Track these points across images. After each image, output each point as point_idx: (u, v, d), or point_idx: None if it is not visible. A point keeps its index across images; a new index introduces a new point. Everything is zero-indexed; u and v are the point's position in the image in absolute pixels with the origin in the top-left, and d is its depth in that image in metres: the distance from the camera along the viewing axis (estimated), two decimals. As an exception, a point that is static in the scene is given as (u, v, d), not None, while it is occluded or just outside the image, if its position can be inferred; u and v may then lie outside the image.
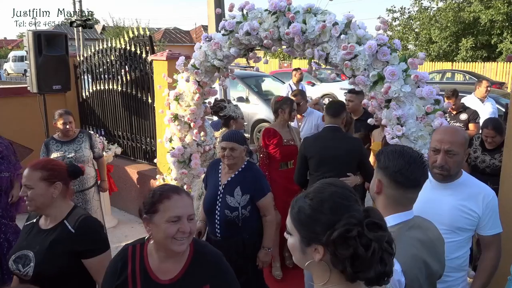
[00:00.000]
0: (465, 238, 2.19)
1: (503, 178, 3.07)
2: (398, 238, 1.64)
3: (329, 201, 1.20)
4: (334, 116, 3.64)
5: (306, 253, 1.22)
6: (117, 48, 5.86)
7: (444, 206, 2.10)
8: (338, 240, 1.13)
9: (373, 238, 1.13)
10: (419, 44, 26.76)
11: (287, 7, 3.19)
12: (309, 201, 1.22)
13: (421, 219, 1.78)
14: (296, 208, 1.24)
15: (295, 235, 1.24)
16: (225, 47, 3.62)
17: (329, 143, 3.56)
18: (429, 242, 1.71)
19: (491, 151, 4.07)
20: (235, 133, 3.08)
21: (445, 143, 2.11)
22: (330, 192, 1.22)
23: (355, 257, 1.12)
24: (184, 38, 37.80)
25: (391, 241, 1.18)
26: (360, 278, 1.14)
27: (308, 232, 1.20)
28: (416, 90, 2.87)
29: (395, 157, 1.67)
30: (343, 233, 1.13)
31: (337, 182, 1.26)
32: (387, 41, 2.91)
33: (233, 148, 2.96)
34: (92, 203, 4.33)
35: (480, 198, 2.16)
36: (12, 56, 31.15)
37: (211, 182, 3.15)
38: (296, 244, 1.24)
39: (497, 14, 22.52)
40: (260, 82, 11.19)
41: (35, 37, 5.09)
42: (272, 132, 4.08)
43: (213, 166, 3.25)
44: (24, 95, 5.96)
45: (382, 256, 1.14)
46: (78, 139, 4.23)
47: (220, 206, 3.00)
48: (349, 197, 1.21)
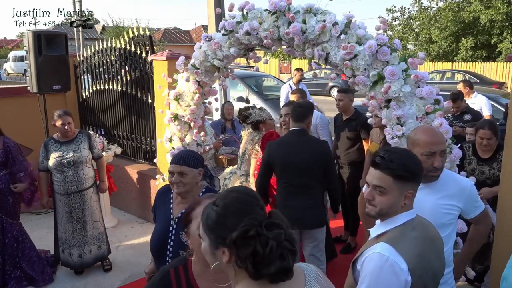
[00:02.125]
0: (450, 232, 2.23)
1: (503, 178, 3.07)
2: (403, 238, 1.66)
3: (232, 206, 1.30)
4: (298, 119, 3.40)
5: (215, 255, 1.31)
6: (117, 48, 5.86)
7: (425, 205, 2.11)
8: (238, 241, 1.22)
9: (271, 237, 1.21)
10: (419, 44, 26.78)
11: (287, 7, 3.18)
12: (215, 208, 1.32)
13: (421, 218, 1.80)
14: (205, 215, 1.34)
15: (205, 239, 1.34)
16: (225, 47, 3.62)
17: (293, 148, 3.33)
18: (430, 241, 1.73)
19: (487, 160, 3.77)
20: (186, 153, 2.47)
21: (439, 145, 2.14)
22: (232, 198, 1.32)
23: (255, 255, 1.20)
24: (184, 38, 37.80)
25: (292, 240, 1.26)
26: (262, 275, 1.22)
27: (215, 237, 1.30)
28: (416, 90, 2.87)
29: (412, 159, 1.73)
30: (241, 233, 1.22)
31: (240, 189, 1.38)
32: (387, 41, 2.91)
33: (183, 172, 2.36)
34: (90, 203, 4.33)
35: (459, 192, 2.22)
36: (12, 56, 31.17)
37: (160, 215, 2.54)
38: (206, 247, 1.34)
39: (497, 14, 22.54)
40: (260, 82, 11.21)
41: (35, 37, 5.09)
42: (274, 135, 3.90)
43: (161, 195, 2.61)
44: (24, 95, 5.96)
45: (282, 252, 1.22)
46: (77, 139, 4.23)
47: (172, 245, 2.37)
48: (251, 202, 1.32)
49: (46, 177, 4.23)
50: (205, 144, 4.44)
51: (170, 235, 2.38)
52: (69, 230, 4.27)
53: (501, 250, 2.90)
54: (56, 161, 4.09)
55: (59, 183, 4.17)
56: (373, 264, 1.62)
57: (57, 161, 4.09)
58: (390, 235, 1.68)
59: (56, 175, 4.16)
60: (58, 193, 4.20)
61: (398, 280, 1.58)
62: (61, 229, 4.29)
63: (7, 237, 4.04)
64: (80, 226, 4.28)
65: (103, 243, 4.46)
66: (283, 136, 3.56)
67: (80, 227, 4.28)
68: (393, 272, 1.58)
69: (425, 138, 2.16)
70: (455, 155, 2.88)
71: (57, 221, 4.32)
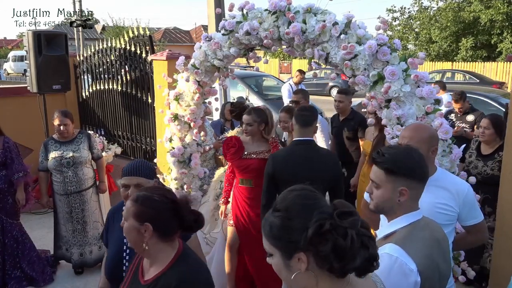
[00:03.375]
0: (446, 233, 2.18)
1: (503, 178, 3.07)
2: (411, 238, 1.65)
3: (294, 205, 1.19)
4: (305, 125, 3.04)
5: (291, 266, 1.18)
6: (117, 48, 5.86)
7: (422, 205, 2.11)
8: (315, 239, 1.12)
9: (348, 225, 1.12)
10: (419, 44, 26.78)
11: (287, 7, 3.18)
12: (277, 213, 1.21)
13: (428, 219, 1.78)
14: (268, 225, 1.23)
15: (275, 253, 1.21)
16: (225, 47, 3.61)
17: (301, 162, 2.98)
18: (436, 242, 1.71)
19: (485, 157, 3.83)
20: (139, 163, 2.32)
21: (405, 138, 2.20)
22: (292, 197, 1.22)
23: (337, 249, 1.10)
24: (184, 38, 37.79)
25: (366, 226, 1.17)
26: (349, 270, 1.13)
27: (286, 243, 1.18)
28: (416, 90, 2.87)
29: (411, 157, 1.70)
30: (316, 229, 1.12)
31: (297, 187, 1.26)
32: (387, 41, 2.90)
33: (140, 184, 2.21)
34: (90, 204, 4.34)
35: (456, 194, 2.19)
36: (12, 56, 31.16)
37: (113, 236, 2.30)
38: (279, 262, 1.21)
39: (497, 14, 22.54)
40: (260, 82, 11.20)
41: (35, 37, 5.09)
42: (234, 140, 3.61)
43: (113, 215, 2.40)
44: (24, 95, 5.96)
45: (363, 240, 1.13)
46: (77, 139, 4.23)
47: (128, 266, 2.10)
48: (312, 196, 1.21)
49: (46, 177, 4.24)
50: (205, 144, 4.44)
51: (124, 256, 2.15)
52: (70, 230, 4.28)
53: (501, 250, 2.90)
54: (56, 161, 4.09)
55: (58, 183, 4.17)
56: (382, 265, 1.61)
57: (56, 161, 4.09)
58: (398, 236, 1.66)
59: (55, 175, 4.16)
60: (58, 193, 4.20)
61: (408, 281, 1.56)
62: (62, 228, 4.30)
63: (7, 237, 4.05)
64: (81, 226, 4.29)
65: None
66: (289, 148, 3.21)
67: (80, 227, 4.29)
68: (402, 273, 1.56)
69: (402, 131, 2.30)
70: (455, 155, 2.88)
71: (57, 221, 4.33)
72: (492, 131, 3.81)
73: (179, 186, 4.21)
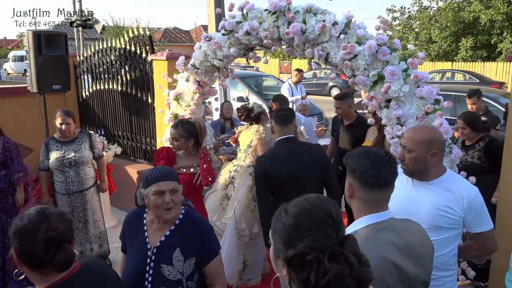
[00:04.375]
0: (448, 237, 2.15)
1: (503, 178, 3.08)
2: (367, 239, 1.60)
3: (302, 221, 1.16)
4: (284, 123, 3.09)
5: (277, 264, 1.21)
6: (117, 48, 5.86)
7: (424, 205, 2.10)
8: (294, 260, 1.06)
9: (331, 270, 1.01)
10: (419, 43, 26.78)
11: (287, 7, 3.19)
12: (284, 214, 1.21)
13: (400, 222, 1.74)
14: (275, 218, 1.24)
15: (272, 243, 1.24)
16: (225, 47, 3.62)
17: (288, 159, 3.02)
18: (404, 245, 1.65)
19: (467, 147, 4.04)
20: (166, 168, 2.19)
21: (404, 139, 2.23)
22: (305, 211, 1.18)
23: (307, 284, 1.03)
24: (184, 38, 37.79)
25: (362, 279, 1.05)
26: None
27: (279, 245, 1.19)
28: (416, 90, 2.87)
29: (361, 158, 1.67)
30: (298, 254, 1.05)
31: (316, 202, 1.21)
32: (387, 41, 2.91)
33: (175, 189, 2.10)
34: (92, 203, 4.34)
35: (461, 198, 2.13)
36: (12, 56, 31.16)
37: (132, 245, 2.19)
38: (271, 252, 1.25)
39: (497, 14, 22.53)
40: (260, 82, 11.21)
41: (35, 37, 5.09)
42: (164, 151, 3.40)
43: (131, 221, 2.26)
44: (24, 95, 5.95)
45: None
46: (78, 139, 4.24)
47: (151, 280, 2.05)
48: (325, 222, 1.15)
49: (47, 176, 4.24)
50: (205, 144, 4.44)
51: (147, 269, 2.06)
52: (70, 229, 4.28)
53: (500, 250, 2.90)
54: (58, 161, 4.09)
55: (60, 183, 4.17)
56: None
57: (58, 161, 4.09)
58: (358, 236, 1.65)
59: (57, 175, 4.16)
60: (60, 193, 4.20)
61: None
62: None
63: (7, 237, 4.04)
64: (82, 225, 4.29)
65: (104, 241, 4.48)
66: (273, 148, 3.23)
67: (81, 226, 4.29)
68: None
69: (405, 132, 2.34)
70: (455, 155, 2.88)
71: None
72: (468, 130, 4.01)
73: (179, 186, 4.21)
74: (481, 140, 3.98)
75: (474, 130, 3.98)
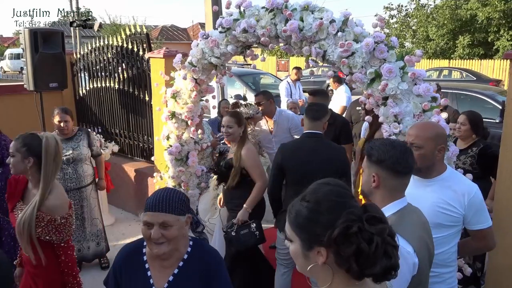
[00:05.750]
0: (449, 234, 2.17)
1: (500, 177, 3.09)
2: (402, 223, 1.70)
3: (325, 200, 1.18)
4: (314, 119, 3.17)
5: (308, 257, 1.19)
6: (114, 45, 5.85)
7: (425, 203, 2.11)
8: (339, 239, 1.11)
9: (375, 232, 1.11)
10: (416, 41, 26.82)
11: (284, 5, 3.18)
12: (306, 203, 1.20)
13: (413, 206, 1.86)
14: (294, 212, 1.22)
15: (296, 240, 1.21)
16: (222, 44, 3.61)
17: (309, 156, 3.09)
18: (424, 224, 1.80)
19: (459, 152, 3.85)
20: (167, 195, 1.76)
21: (410, 136, 2.23)
22: (325, 191, 1.20)
23: (359, 253, 1.10)
24: (181, 36, 37.74)
25: (393, 234, 1.17)
26: (367, 275, 1.12)
27: (308, 235, 1.18)
28: (413, 88, 2.88)
29: (389, 149, 1.77)
30: (343, 230, 1.11)
31: (331, 181, 1.25)
32: (384, 38, 2.91)
33: (166, 223, 1.70)
34: (90, 201, 4.34)
35: (462, 195, 2.15)
36: (8, 54, 31.01)
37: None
38: (297, 250, 1.21)
39: (494, 12, 22.57)
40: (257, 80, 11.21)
41: (31, 35, 5.07)
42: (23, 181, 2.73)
43: (126, 260, 1.87)
44: (20, 93, 5.94)
45: (386, 249, 1.12)
46: (76, 137, 4.23)
47: None
48: (345, 194, 1.20)
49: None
50: (203, 142, 4.44)
51: None
52: (67, 227, 4.27)
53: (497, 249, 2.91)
54: (55, 159, 4.08)
55: (58, 180, 4.15)
56: None
57: (55, 159, 4.08)
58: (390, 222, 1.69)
59: (54, 173, 4.15)
60: (56, 190, 4.20)
61: (407, 264, 1.58)
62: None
63: (4, 235, 4.03)
64: (79, 222, 4.29)
65: (102, 240, 4.47)
66: (299, 140, 3.28)
67: (79, 223, 4.29)
68: (401, 256, 1.57)
69: (409, 129, 2.34)
70: (452, 152, 2.89)
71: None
72: (468, 127, 3.87)
73: (177, 184, 4.21)
74: (475, 146, 3.83)
75: (472, 129, 3.86)
